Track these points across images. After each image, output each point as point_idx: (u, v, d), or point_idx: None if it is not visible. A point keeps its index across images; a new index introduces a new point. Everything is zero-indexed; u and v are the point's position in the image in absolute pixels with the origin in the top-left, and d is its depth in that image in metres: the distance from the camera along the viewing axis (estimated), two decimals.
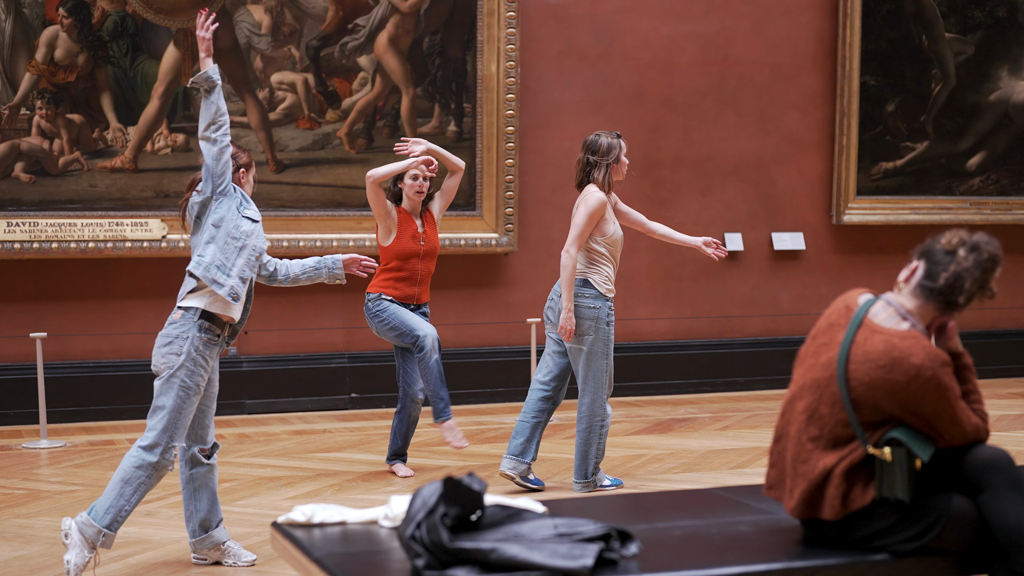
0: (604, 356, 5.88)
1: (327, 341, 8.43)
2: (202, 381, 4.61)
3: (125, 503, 4.54)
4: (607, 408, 5.97)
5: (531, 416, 5.99)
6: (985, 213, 9.72)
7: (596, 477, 6.03)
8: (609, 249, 5.88)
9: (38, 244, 7.73)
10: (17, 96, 7.68)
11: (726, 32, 9.11)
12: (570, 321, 5.77)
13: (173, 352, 4.56)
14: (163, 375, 4.58)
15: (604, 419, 5.95)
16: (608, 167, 5.89)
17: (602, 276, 5.86)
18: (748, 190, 9.26)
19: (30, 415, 7.70)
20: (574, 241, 5.80)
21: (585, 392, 5.94)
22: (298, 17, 8.14)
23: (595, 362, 5.88)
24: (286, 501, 5.81)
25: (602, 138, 5.95)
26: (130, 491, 4.54)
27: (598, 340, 5.85)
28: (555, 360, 6.03)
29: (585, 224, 5.80)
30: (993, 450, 3.38)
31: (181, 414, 4.57)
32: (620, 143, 5.95)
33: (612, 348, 5.92)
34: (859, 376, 3.31)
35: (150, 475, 4.56)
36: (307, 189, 8.23)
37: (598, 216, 5.82)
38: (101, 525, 4.50)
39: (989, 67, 9.65)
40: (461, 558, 3.00)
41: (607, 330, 5.86)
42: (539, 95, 8.70)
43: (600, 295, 5.84)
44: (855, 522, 3.34)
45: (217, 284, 4.57)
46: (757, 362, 9.28)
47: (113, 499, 4.53)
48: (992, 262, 3.37)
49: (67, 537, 4.50)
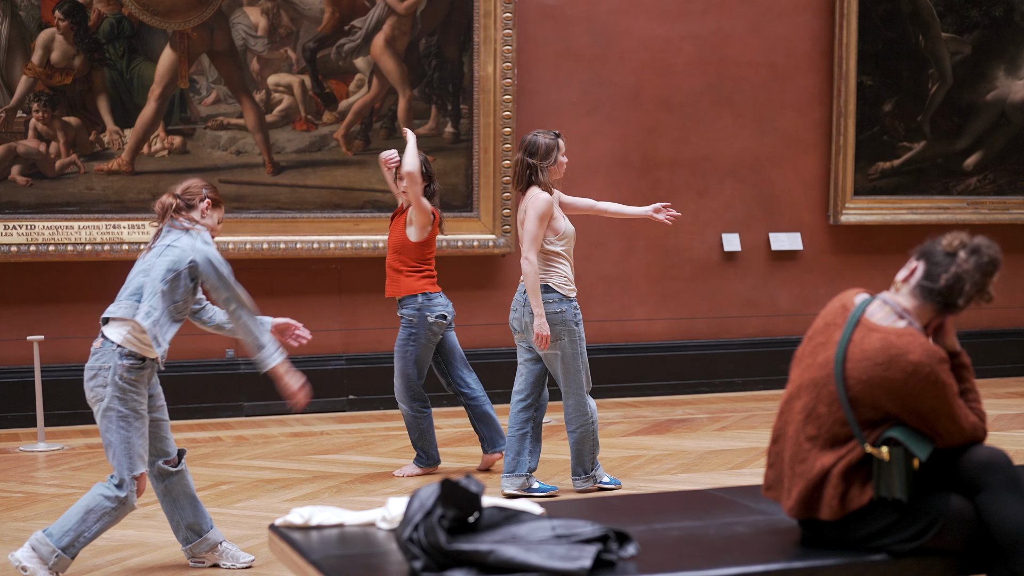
0: (578, 356, 5.85)
1: (325, 343, 8.42)
2: (140, 405, 4.47)
3: (86, 530, 4.43)
4: (591, 404, 5.94)
5: (516, 429, 5.94)
6: (982, 213, 9.73)
7: (596, 472, 6.02)
8: (563, 246, 5.83)
9: (35, 247, 7.73)
10: (13, 99, 7.67)
11: (723, 33, 9.11)
12: (544, 327, 5.71)
13: (99, 384, 4.45)
14: (97, 409, 4.46)
15: (591, 416, 5.92)
16: (546, 170, 5.84)
17: (561, 278, 5.81)
18: (745, 190, 9.26)
19: (27, 418, 7.70)
20: (530, 247, 5.73)
21: (568, 395, 5.91)
22: (294, 19, 8.13)
23: (571, 364, 5.85)
24: (284, 503, 5.81)
25: (540, 138, 5.89)
26: (94, 519, 4.43)
27: (570, 342, 5.82)
28: (527, 368, 5.99)
29: (537, 227, 5.74)
30: (991, 450, 3.38)
31: (131, 444, 4.45)
32: (559, 143, 5.90)
33: (584, 346, 5.90)
34: (857, 374, 3.31)
35: (116, 508, 4.46)
36: (304, 191, 8.23)
37: (548, 217, 5.77)
38: (57, 546, 4.40)
39: (986, 67, 9.65)
40: (459, 560, 3.00)
41: (577, 330, 5.83)
42: (536, 96, 8.70)
43: (563, 297, 5.79)
44: (853, 522, 3.34)
45: (156, 343, 4.43)
46: (755, 362, 9.28)
47: (74, 524, 4.43)
48: (992, 265, 3.37)
49: (25, 570, 4.39)
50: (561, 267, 5.82)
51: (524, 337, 5.91)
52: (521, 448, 5.92)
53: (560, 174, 5.93)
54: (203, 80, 8.00)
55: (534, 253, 5.74)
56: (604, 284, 9.01)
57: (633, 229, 9.02)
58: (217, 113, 8.04)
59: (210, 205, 4.70)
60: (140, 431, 4.47)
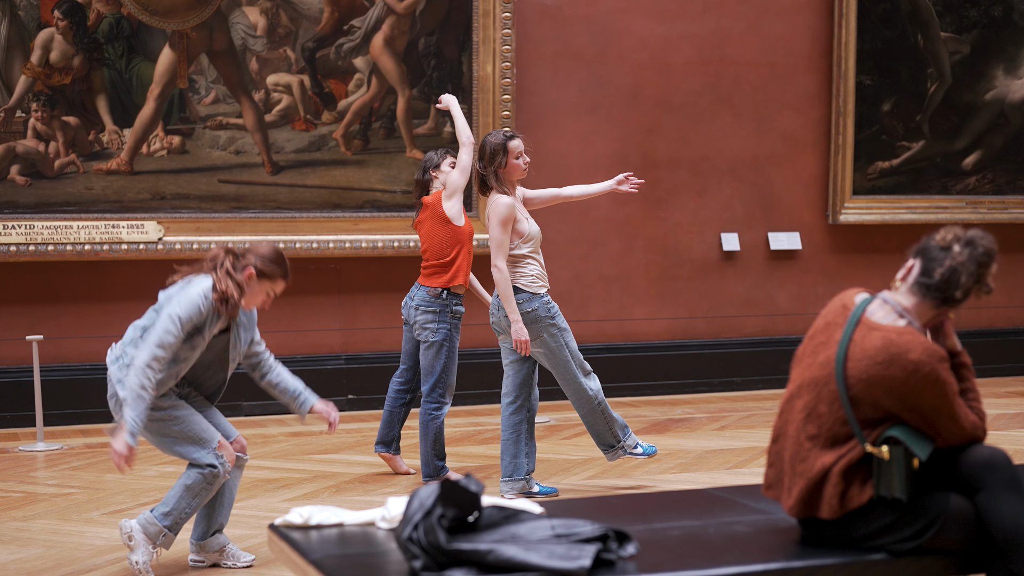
0: (563, 347, 5.79)
1: (324, 343, 8.42)
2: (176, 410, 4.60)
3: (186, 506, 4.63)
4: (590, 385, 5.85)
5: (508, 433, 5.88)
6: (981, 212, 9.73)
7: (626, 443, 5.93)
8: (529, 248, 5.75)
9: (34, 247, 7.72)
10: (13, 99, 7.67)
11: (722, 32, 9.12)
12: (521, 332, 5.67)
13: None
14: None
15: (596, 395, 5.86)
16: (496, 173, 5.77)
17: (528, 277, 5.74)
18: (744, 190, 9.26)
19: (27, 418, 7.70)
20: (498, 254, 5.67)
21: (566, 385, 5.88)
22: (294, 19, 8.13)
23: (557, 357, 5.80)
24: (283, 503, 5.81)
25: (488, 140, 5.80)
26: (191, 495, 4.63)
27: (550, 337, 5.77)
28: (513, 369, 5.91)
29: (501, 234, 5.67)
30: (991, 449, 3.38)
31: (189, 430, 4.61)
32: (507, 145, 5.73)
33: (567, 335, 5.81)
34: (857, 373, 3.31)
35: (209, 479, 4.63)
36: (303, 191, 8.23)
37: (511, 220, 5.68)
38: (163, 524, 4.62)
39: (985, 66, 9.66)
40: (458, 559, 3.00)
41: (553, 322, 5.76)
42: (535, 96, 8.70)
43: (532, 295, 5.73)
44: (853, 521, 3.34)
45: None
46: (754, 362, 9.29)
47: (175, 502, 4.62)
48: (987, 256, 3.37)
49: (131, 539, 4.60)
50: (529, 267, 5.75)
51: (507, 338, 5.87)
52: (517, 451, 5.86)
53: (520, 173, 5.79)
54: (202, 80, 8.00)
55: (502, 260, 5.67)
56: (603, 284, 9.01)
57: (632, 229, 9.02)
58: (216, 113, 8.04)
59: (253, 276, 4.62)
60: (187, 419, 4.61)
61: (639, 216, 9.03)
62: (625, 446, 5.95)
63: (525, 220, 5.77)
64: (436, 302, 6.07)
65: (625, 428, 5.97)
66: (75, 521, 5.56)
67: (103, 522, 5.53)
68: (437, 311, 6.07)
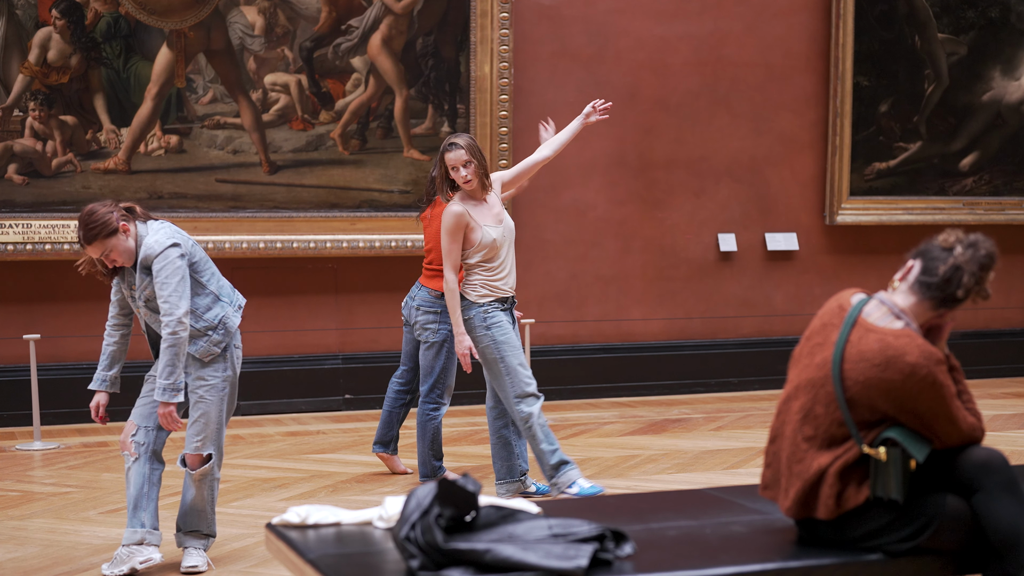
0: (499, 360, 5.60)
1: (321, 342, 8.42)
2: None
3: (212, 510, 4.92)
4: (524, 409, 5.58)
5: (495, 437, 5.86)
6: (978, 213, 9.74)
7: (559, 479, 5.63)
8: (482, 256, 5.59)
9: (31, 245, 7.72)
10: (10, 98, 7.67)
11: (719, 33, 9.12)
12: (462, 344, 5.59)
13: None
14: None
15: (527, 419, 5.58)
16: (434, 183, 5.73)
17: (472, 285, 5.62)
18: (741, 191, 9.27)
19: (23, 417, 7.70)
20: (448, 266, 5.57)
21: (504, 401, 5.69)
22: (291, 18, 8.13)
23: (493, 368, 5.64)
24: (280, 502, 5.81)
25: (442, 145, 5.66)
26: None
27: (484, 348, 5.63)
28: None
29: (450, 245, 5.54)
30: (988, 451, 3.38)
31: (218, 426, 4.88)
32: (444, 156, 5.54)
33: (505, 347, 5.59)
34: (854, 375, 3.31)
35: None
36: (300, 190, 8.23)
37: (459, 231, 5.54)
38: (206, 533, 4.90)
39: (982, 67, 9.67)
40: (456, 559, 3.00)
41: (490, 333, 5.58)
42: (532, 96, 8.70)
43: (470, 303, 5.62)
44: (849, 522, 3.35)
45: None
46: (751, 362, 9.29)
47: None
48: (989, 258, 3.37)
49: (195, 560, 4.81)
50: (473, 277, 5.62)
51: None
52: (507, 454, 5.83)
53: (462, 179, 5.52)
54: (200, 79, 8.00)
55: (451, 271, 5.56)
56: (600, 284, 9.01)
57: (629, 229, 9.03)
58: (214, 112, 8.04)
59: None
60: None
61: (636, 216, 9.03)
62: (558, 483, 5.61)
63: (478, 229, 5.56)
64: (438, 303, 6.06)
65: (563, 464, 5.60)
66: (72, 520, 5.56)
67: (100, 521, 5.53)
68: (438, 312, 6.06)
